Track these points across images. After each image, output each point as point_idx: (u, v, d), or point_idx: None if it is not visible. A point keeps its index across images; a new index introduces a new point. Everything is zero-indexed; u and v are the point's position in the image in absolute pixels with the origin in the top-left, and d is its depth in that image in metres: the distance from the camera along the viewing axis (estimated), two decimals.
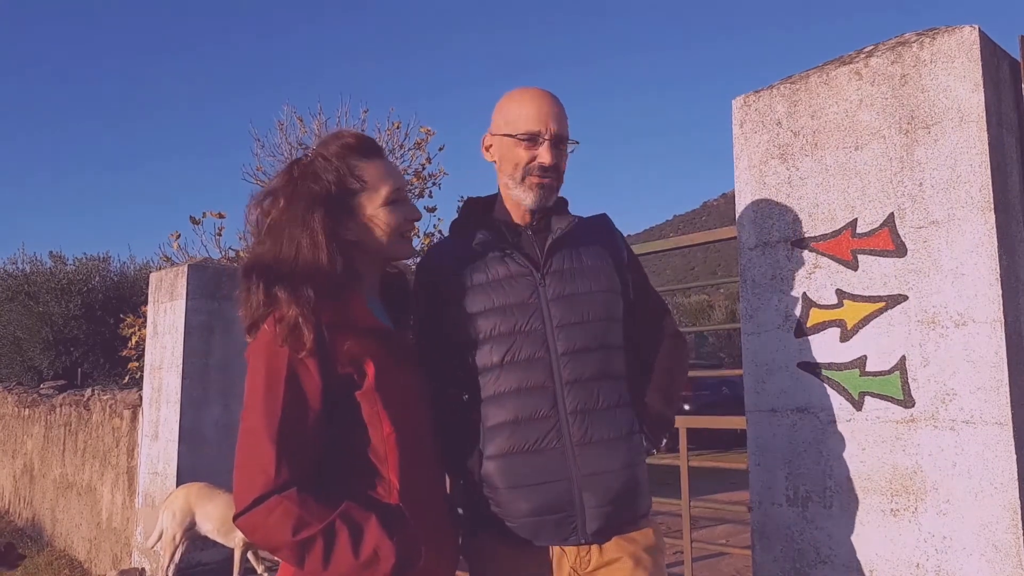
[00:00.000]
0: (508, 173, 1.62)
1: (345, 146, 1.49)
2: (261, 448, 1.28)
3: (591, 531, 1.50)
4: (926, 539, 1.64)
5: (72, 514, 7.19)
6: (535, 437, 1.51)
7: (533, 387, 1.52)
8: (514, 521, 1.51)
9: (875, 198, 1.76)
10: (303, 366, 1.33)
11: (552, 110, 1.59)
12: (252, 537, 1.30)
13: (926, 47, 1.72)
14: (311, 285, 1.36)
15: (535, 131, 1.57)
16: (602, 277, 1.60)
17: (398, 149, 10.35)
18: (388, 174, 1.51)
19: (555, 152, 1.58)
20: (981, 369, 1.59)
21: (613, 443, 1.52)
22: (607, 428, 1.52)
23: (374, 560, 1.28)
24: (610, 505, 1.50)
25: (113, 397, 6.67)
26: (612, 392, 1.55)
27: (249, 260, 1.46)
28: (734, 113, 2.06)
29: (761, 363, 1.93)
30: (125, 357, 8.63)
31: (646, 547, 1.54)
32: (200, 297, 5.27)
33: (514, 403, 1.53)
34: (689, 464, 3.20)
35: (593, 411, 1.52)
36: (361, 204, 1.47)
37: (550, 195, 1.61)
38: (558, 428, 1.51)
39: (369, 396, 1.39)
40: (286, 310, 1.34)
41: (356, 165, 1.47)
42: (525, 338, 1.54)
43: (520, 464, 1.51)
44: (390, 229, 1.49)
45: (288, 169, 1.50)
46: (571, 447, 1.50)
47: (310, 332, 1.33)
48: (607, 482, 1.50)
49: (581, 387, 1.52)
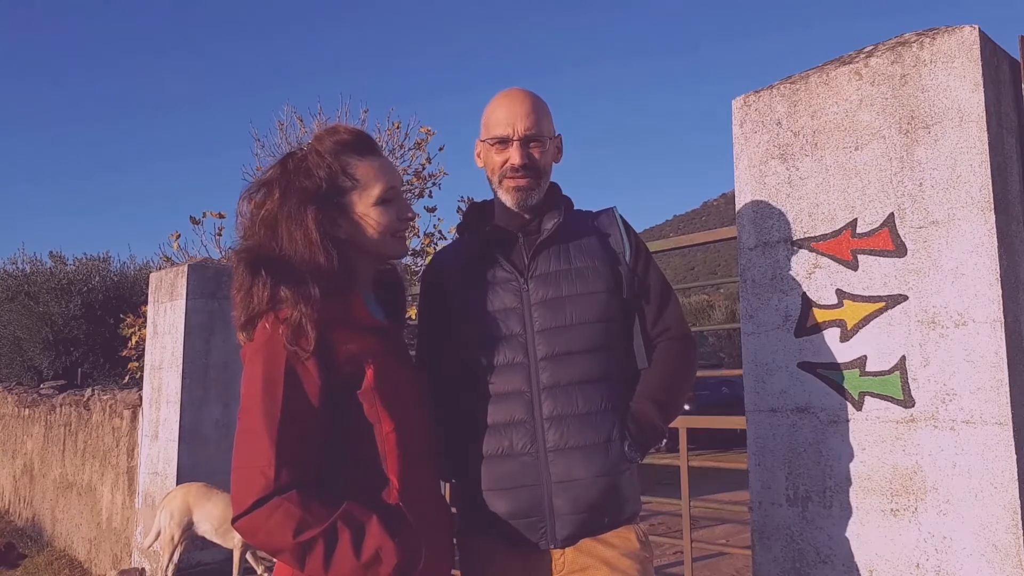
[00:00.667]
0: (490, 178, 1.65)
1: (339, 142, 1.47)
2: (260, 450, 1.27)
3: (561, 537, 1.50)
4: (926, 539, 1.64)
5: (72, 514, 7.19)
6: (509, 442, 1.52)
7: (511, 392, 1.54)
8: (495, 522, 1.52)
9: (875, 198, 1.76)
10: (302, 366, 1.32)
11: (520, 110, 1.59)
12: (252, 540, 1.28)
13: (926, 47, 1.72)
14: (317, 284, 1.34)
15: (503, 135, 1.59)
16: (592, 278, 1.58)
17: (398, 149, 10.36)
18: (381, 172, 1.49)
19: (525, 152, 1.58)
20: (981, 369, 1.59)
21: (590, 450, 1.50)
22: (585, 434, 1.51)
23: (376, 561, 1.27)
24: (584, 512, 1.49)
25: (113, 397, 6.67)
26: (594, 397, 1.53)
27: (249, 252, 1.41)
28: (734, 113, 2.06)
29: (761, 363, 1.93)
30: (125, 357, 8.63)
31: (626, 552, 1.52)
32: (200, 297, 5.27)
33: (494, 408, 1.54)
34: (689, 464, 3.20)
35: (570, 416, 1.51)
36: (352, 202, 1.46)
37: (528, 195, 1.60)
38: (532, 434, 1.51)
39: (369, 395, 1.38)
40: (291, 311, 1.32)
41: (349, 162, 1.46)
42: (506, 343, 1.55)
43: (497, 468, 1.52)
44: (381, 228, 1.47)
45: (282, 161, 1.48)
46: (544, 453, 1.50)
47: (313, 332, 1.32)
48: (580, 489, 1.49)
49: (560, 392, 1.52)
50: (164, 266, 8.06)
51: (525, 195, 1.60)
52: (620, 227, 1.68)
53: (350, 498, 1.31)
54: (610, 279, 1.60)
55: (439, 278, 1.68)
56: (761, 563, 1.90)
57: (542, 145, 1.61)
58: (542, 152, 1.61)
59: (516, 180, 1.60)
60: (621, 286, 1.62)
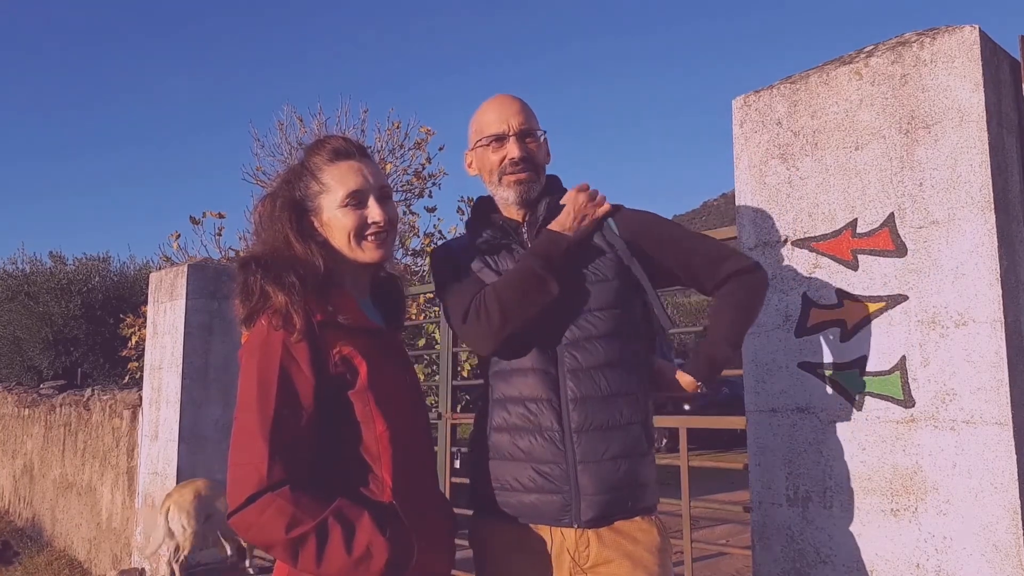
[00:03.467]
0: (488, 180, 1.66)
1: (316, 149, 1.54)
2: (254, 446, 1.30)
3: (586, 518, 1.50)
4: (926, 539, 1.64)
5: (72, 514, 7.19)
6: (536, 418, 1.53)
7: (537, 369, 1.55)
8: (514, 497, 1.53)
9: (875, 198, 1.76)
10: (296, 365, 1.35)
11: (512, 108, 1.63)
12: (246, 535, 1.31)
13: (926, 47, 1.71)
14: (293, 273, 1.41)
15: (499, 132, 1.61)
16: (601, 264, 1.59)
17: (398, 149, 10.37)
18: (348, 176, 1.50)
19: (522, 145, 1.61)
20: (981, 369, 1.59)
21: (612, 431, 1.52)
22: (607, 416, 1.53)
23: (367, 557, 1.29)
24: (607, 493, 1.51)
25: (113, 397, 6.67)
26: (616, 380, 1.55)
27: (244, 254, 1.56)
28: (734, 113, 2.06)
29: (761, 363, 1.93)
30: (125, 357, 8.64)
31: (649, 546, 1.53)
32: (200, 297, 5.27)
33: (520, 381, 1.56)
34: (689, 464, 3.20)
35: (595, 398, 1.53)
36: (321, 206, 1.50)
37: (530, 188, 1.62)
38: (558, 413, 1.53)
39: (362, 395, 1.40)
40: (275, 298, 1.39)
41: (321, 168, 1.51)
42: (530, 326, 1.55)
43: (522, 439, 1.54)
44: (345, 231, 1.49)
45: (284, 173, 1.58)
46: (570, 432, 1.52)
47: (299, 317, 1.37)
48: (605, 469, 1.51)
49: (583, 374, 1.54)
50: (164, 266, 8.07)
51: (527, 188, 1.62)
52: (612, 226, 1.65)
53: (343, 496, 1.33)
54: (616, 266, 1.60)
55: (454, 254, 1.70)
56: (761, 563, 1.90)
57: (536, 140, 1.65)
58: (537, 146, 1.65)
59: (517, 174, 1.61)
60: (628, 272, 1.60)
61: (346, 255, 1.50)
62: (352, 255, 1.51)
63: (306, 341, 1.37)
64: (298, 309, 1.37)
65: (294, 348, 1.36)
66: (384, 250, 1.52)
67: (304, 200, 1.51)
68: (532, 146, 1.63)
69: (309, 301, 1.40)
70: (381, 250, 1.51)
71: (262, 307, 1.40)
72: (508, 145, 1.61)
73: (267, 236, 1.49)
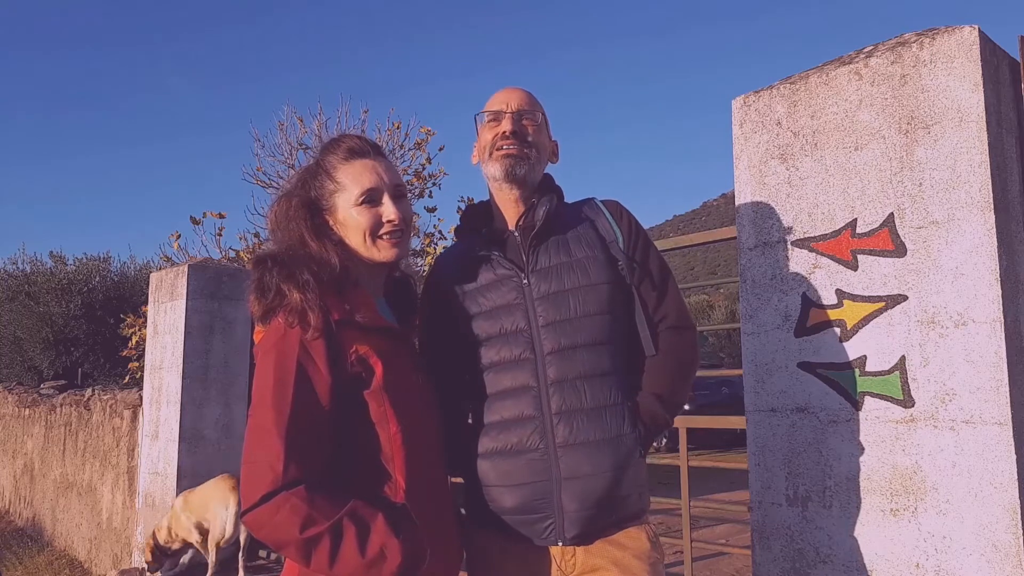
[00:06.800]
0: (482, 160, 1.65)
1: (332, 148, 1.55)
2: (270, 445, 1.29)
3: (570, 535, 1.49)
4: (926, 539, 1.64)
5: (72, 514, 7.19)
6: (518, 438, 1.51)
7: (518, 388, 1.53)
8: (503, 518, 1.52)
9: (875, 198, 1.76)
10: (313, 363, 1.35)
11: (515, 92, 1.66)
12: (259, 534, 1.30)
13: (926, 47, 1.72)
14: (307, 271, 1.41)
15: (497, 110, 1.63)
16: (593, 269, 1.57)
17: (398, 149, 10.36)
18: (363, 175, 1.51)
19: (516, 121, 1.61)
20: (981, 369, 1.59)
21: (599, 445, 1.50)
22: (594, 429, 1.50)
23: (380, 559, 1.28)
24: (592, 509, 1.49)
25: (113, 397, 6.67)
26: (601, 391, 1.53)
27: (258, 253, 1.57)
28: (734, 113, 2.06)
29: (761, 363, 1.93)
30: (125, 357, 8.63)
31: (637, 553, 1.52)
32: (200, 297, 5.27)
33: (501, 404, 1.54)
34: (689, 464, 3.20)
35: (579, 411, 1.51)
36: (336, 205, 1.51)
37: (517, 163, 1.59)
38: (541, 429, 1.50)
39: (377, 395, 1.40)
40: (290, 295, 1.39)
41: (336, 167, 1.52)
42: (511, 340, 1.54)
43: (505, 463, 1.52)
44: (360, 230, 1.49)
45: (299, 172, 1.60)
46: (554, 448, 1.50)
47: (315, 314, 1.37)
48: (589, 485, 1.48)
49: (568, 387, 1.51)
50: (164, 266, 8.07)
51: (513, 163, 1.59)
52: (605, 214, 1.66)
53: (357, 496, 1.32)
54: (612, 269, 1.59)
55: (439, 280, 1.68)
56: (761, 563, 1.90)
57: (534, 122, 1.64)
58: (535, 128, 1.64)
59: (507, 149, 1.59)
60: (621, 274, 1.59)
61: (362, 254, 1.50)
62: (368, 254, 1.51)
63: (323, 339, 1.36)
64: (313, 307, 1.37)
65: (311, 346, 1.35)
66: (399, 249, 1.52)
67: (319, 199, 1.51)
68: (528, 127, 1.62)
69: (327, 299, 1.40)
70: (396, 248, 1.51)
71: (278, 304, 1.40)
72: (503, 121, 1.61)
73: (283, 235, 1.50)
